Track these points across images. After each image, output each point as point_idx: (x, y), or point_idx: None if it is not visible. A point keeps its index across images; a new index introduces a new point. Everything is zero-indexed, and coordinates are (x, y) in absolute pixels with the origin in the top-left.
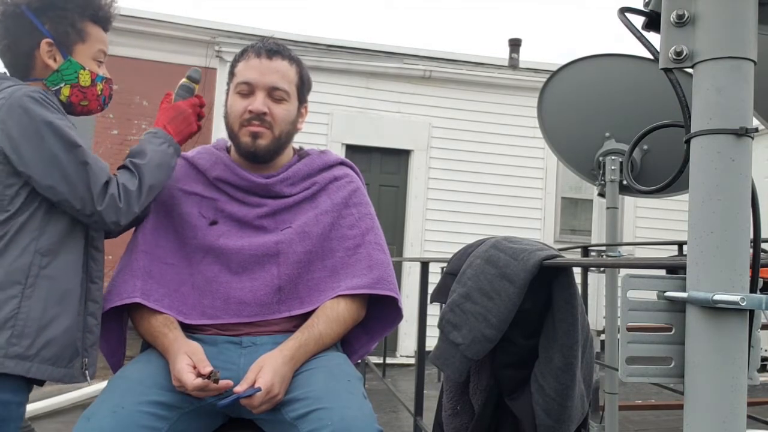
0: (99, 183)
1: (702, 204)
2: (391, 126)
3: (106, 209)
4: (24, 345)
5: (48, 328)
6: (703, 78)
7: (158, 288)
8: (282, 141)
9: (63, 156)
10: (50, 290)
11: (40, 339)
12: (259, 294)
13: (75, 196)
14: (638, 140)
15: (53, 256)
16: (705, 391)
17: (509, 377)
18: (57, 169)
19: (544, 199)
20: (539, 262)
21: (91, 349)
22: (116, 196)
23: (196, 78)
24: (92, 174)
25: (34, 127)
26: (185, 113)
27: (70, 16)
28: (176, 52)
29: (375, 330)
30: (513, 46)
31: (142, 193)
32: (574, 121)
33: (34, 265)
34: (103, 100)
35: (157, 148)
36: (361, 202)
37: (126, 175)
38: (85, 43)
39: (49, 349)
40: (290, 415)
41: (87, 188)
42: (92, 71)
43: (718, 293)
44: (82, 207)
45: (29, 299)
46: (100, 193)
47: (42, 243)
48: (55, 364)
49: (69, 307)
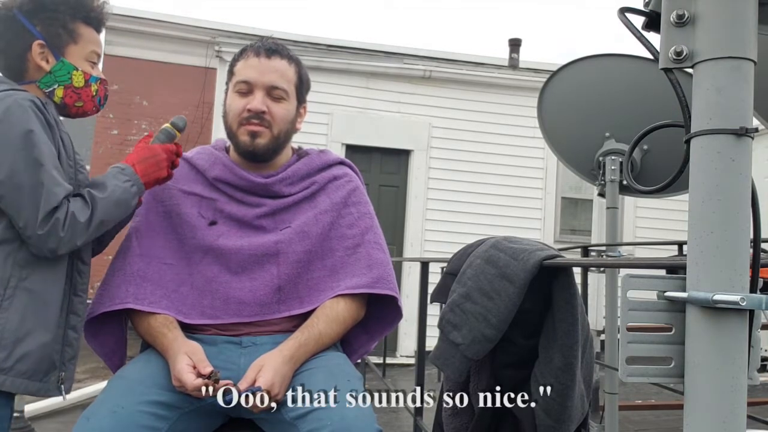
0: (47, 207)
1: (702, 204)
2: (391, 126)
3: (46, 234)
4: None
5: (24, 341)
6: (703, 78)
7: (155, 290)
8: (281, 140)
9: (22, 170)
10: (29, 303)
11: (16, 352)
12: (259, 294)
13: (20, 213)
14: (638, 140)
15: (33, 269)
16: (705, 391)
17: (509, 377)
18: (11, 181)
19: (544, 199)
20: (539, 262)
21: (69, 363)
22: (60, 223)
23: (179, 126)
24: (44, 196)
25: (5, 135)
26: (158, 157)
27: (61, 17)
28: (176, 52)
29: (375, 329)
30: (513, 46)
31: (90, 227)
32: (574, 121)
33: (13, 276)
34: (98, 101)
35: (120, 184)
36: (360, 201)
37: (79, 204)
38: (77, 44)
39: (25, 363)
40: (290, 415)
41: (35, 209)
42: (85, 72)
43: (718, 293)
44: (24, 226)
45: (6, 311)
46: (45, 218)
47: (21, 255)
48: (31, 378)
49: (48, 320)
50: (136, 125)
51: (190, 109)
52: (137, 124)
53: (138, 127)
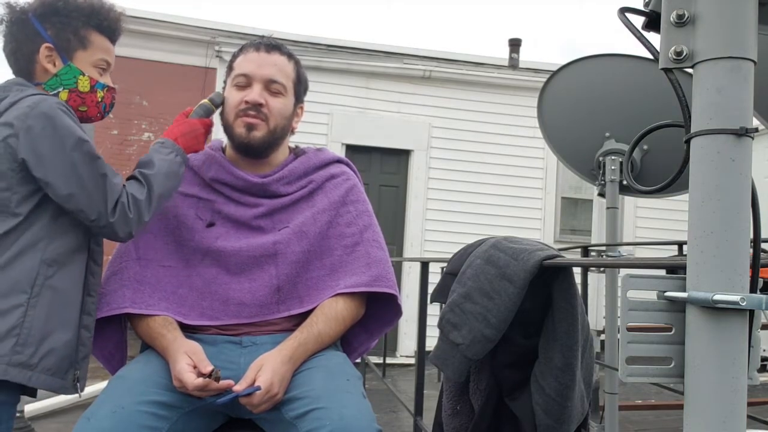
0: (114, 195)
1: (702, 204)
2: (391, 126)
3: (117, 221)
4: (27, 354)
5: (49, 339)
6: (703, 78)
7: (153, 293)
8: (277, 135)
9: (84, 167)
10: (53, 301)
11: (41, 349)
12: (259, 294)
13: (91, 206)
14: (638, 140)
15: (58, 267)
16: (705, 391)
17: (509, 377)
18: (76, 179)
19: (544, 199)
20: (539, 262)
21: (83, 362)
22: (126, 206)
23: (217, 102)
24: (109, 186)
25: (59, 136)
26: (197, 131)
27: (73, 23)
28: (176, 52)
29: (374, 328)
30: (513, 46)
31: (152, 203)
32: (574, 121)
33: (40, 274)
34: (103, 108)
35: (165, 157)
36: (359, 200)
37: (135, 186)
38: (86, 51)
39: (50, 359)
40: (289, 415)
41: (104, 200)
42: (92, 78)
43: (718, 293)
44: (97, 218)
45: (34, 308)
46: (114, 206)
47: (49, 253)
48: (54, 375)
49: (70, 318)
50: (136, 125)
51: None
52: (137, 124)
53: (138, 127)
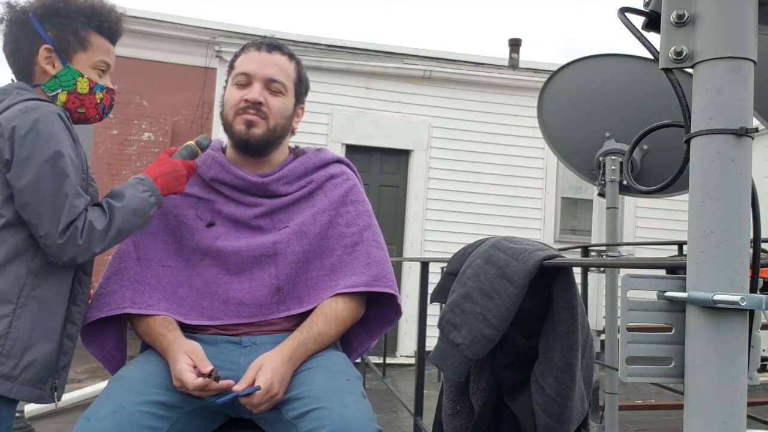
0: (69, 218)
1: (702, 204)
2: (391, 126)
3: (64, 243)
4: (9, 365)
5: (32, 350)
6: (703, 78)
7: (153, 293)
8: (276, 134)
9: (48, 181)
10: (38, 312)
11: (23, 360)
12: (258, 295)
13: (42, 222)
14: (638, 140)
15: (44, 278)
16: (705, 391)
17: (509, 377)
18: (37, 191)
19: (544, 199)
20: (539, 262)
21: (63, 371)
22: (78, 231)
23: (203, 145)
24: (67, 207)
25: (38, 144)
26: (179, 173)
27: (73, 24)
28: (176, 52)
29: (374, 328)
30: (513, 46)
31: (108, 235)
32: (574, 121)
33: (26, 285)
34: (102, 109)
35: (139, 194)
36: (358, 200)
37: (97, 213)
38: (86, 52)
39: (30, 371)
40: (289, 415)
41: (56, 219)
42: (91, 80)
43: (718, 293)
44: (45, 235)
45: (19, 319)
46: (65, 228)
47: (36, 263)
48: (34, 386)
49: (53, 329)
50: (136, 125)
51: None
52: (137, 124)
53: (138, 127)
